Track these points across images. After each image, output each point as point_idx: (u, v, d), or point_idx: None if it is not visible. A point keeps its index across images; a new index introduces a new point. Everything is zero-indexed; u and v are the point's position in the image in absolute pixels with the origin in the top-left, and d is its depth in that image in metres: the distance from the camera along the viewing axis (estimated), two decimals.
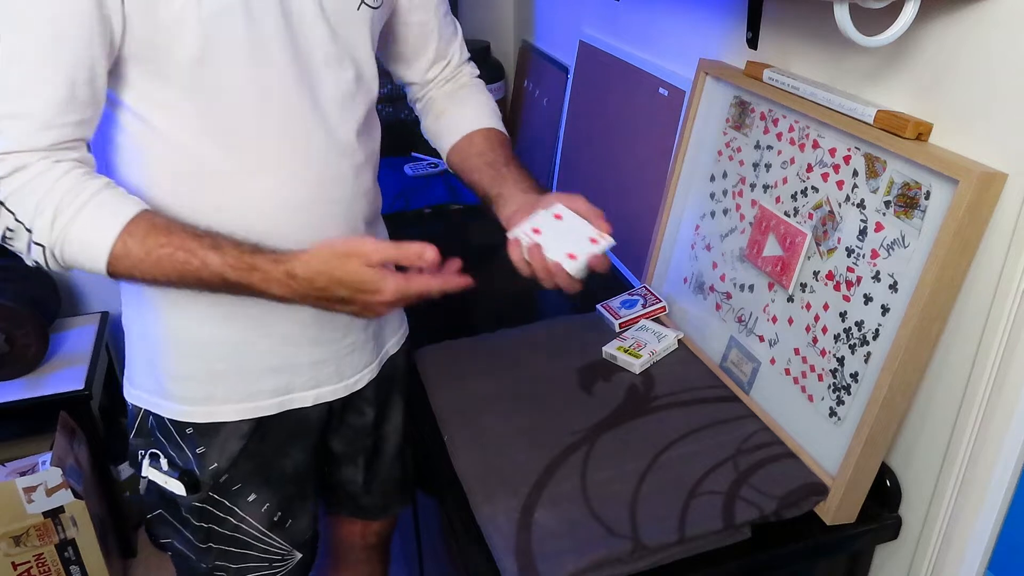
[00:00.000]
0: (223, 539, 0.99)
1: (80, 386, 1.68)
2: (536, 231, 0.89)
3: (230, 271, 0.77)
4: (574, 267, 0.86)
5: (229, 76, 0.78)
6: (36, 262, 0.76)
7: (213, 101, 0.79)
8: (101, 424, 1.76)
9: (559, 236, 0.89)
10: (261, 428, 0.95)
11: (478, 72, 1.14)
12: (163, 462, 0.94)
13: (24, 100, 0.71)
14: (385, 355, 1.07)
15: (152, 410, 0.93)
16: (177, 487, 0.94)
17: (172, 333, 0.90)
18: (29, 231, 0.74)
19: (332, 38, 0.85)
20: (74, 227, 0.74)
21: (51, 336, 1.74)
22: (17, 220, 0.73)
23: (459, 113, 1.08)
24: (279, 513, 1.00)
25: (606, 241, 0.90)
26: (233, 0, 0.75)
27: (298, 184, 0.86)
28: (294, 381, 0.95)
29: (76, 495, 1.62)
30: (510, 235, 0.90)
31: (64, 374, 1.71)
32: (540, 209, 0.91)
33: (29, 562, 1.67)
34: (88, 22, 0.71)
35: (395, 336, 1.09)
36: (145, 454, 0.96)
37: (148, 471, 0.96)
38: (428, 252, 0.78)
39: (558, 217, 0.91)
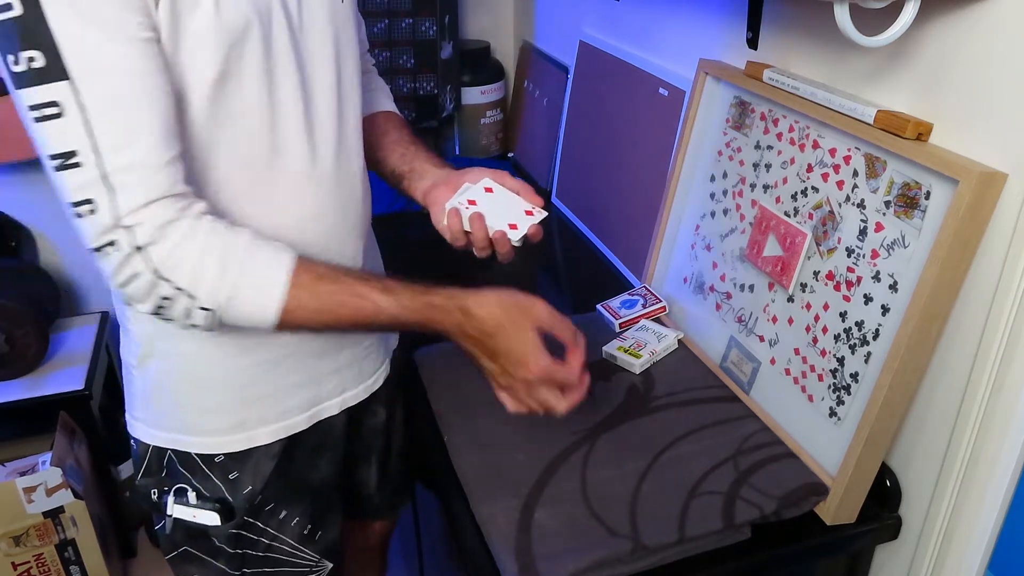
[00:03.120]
0: (256, 561, 0.97)
1: (80, 386, 1.68)
2: (472, 203, 0.90)
3: (406, 313, 0.77)
4: (516, 236, 0.89)
5: (248, 93, 0.76)
6: (194, 325, 0.74)
7: (233, 120, 0.77)
8: (101, 424, 1.76)
9: (496, 208, 0.91)
10: (291, 444, 0.94)
11: (373, 61, 1.14)
12: (191, 496, 0.91)
13: (132, 149, 0.67)
14: (390, 351, 1.08)
15: (179, 448, 0.90)
16: (211, 518, 0.91)
17: (201, 369, 0.87)
18: (192, 297, 0.71)
19: (328, 38, 0.84)
20: (241, 289, 0.72)
21: (51, 336, 1.74)
22: (177, 288, 0.70)
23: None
24: (309, 526, 0.99)
25: (540, 213, 0.92)
26: (251, 17, 0.73)
27: (319, 192, 0.85)
28: (321, 392, 0.95)
29: (76, 495, 1.62)
30: (447, 205, 0.90)
31: (64, 374, 1.71)
32: (468, 183, 0.92)
33: (29, 562, 1.67)
34: (153, 49, 0.68)
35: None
36: (166, 491, 0.92)
37: (174, 509, 0.92)
38: (580, 338, 0.81)
39: (488, 191, 0.93)
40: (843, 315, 0.90)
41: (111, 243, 0.68)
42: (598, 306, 1.25)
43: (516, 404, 0.82)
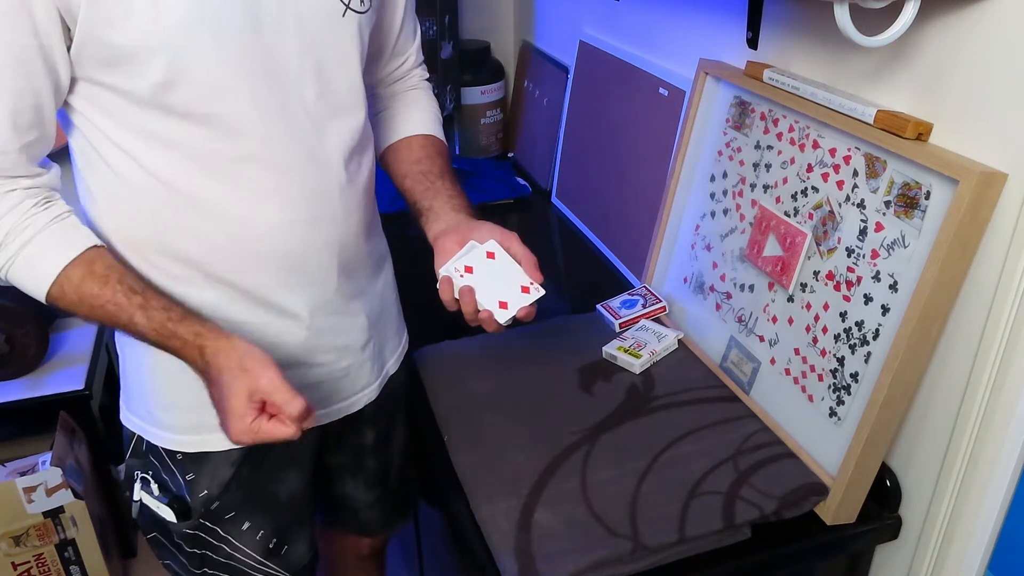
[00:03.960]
0: (218, 566, 0.97)
1: (80, 386, 1.68)
2: (468, 269, 0.87)
3: (154, 335, 0.78)
4: (504, 317, 0.86)
5: (200, 99, 0.76)
6: None
7: (188, 126, 0.77)
8: (101, 424, 1.76)
9: (491, 279, 0.87)
10: (252, 454, 0.93)
11: (428, 76, 1.11)
12: (154, 487, 0.94)
13: None
14: (386, 375, 1.04)
15: (146, 438, 0.93)
16: (168, 513, 0.93)
17: (161, 363, 0.87)
18: None
19: (312, 50, 0.81)
20: (15, 265, 0.76)
21: (51, 336, 1.74)
22: None
23: (401, 114, 1.05)
24: (274, 540, 0.98)
25: (537, 292, 0.88)
26: (197, 21, 0.73)
27: (282, 206, 0.83)
28: None
29: (76, 495, 1.62)
30: (441, 271, 0.88)
31: (64, 374, 1.71)
32: (473, 241, 0.89)
33: (29, 562, 1.67)
34: (27, 55, 0.70)
35: (395, 354, 1.07)
36: (138, 477, 0.96)
37: (140, 494, 0.95)
38: (302, 413, 0.77)
39: (491, 256, 0.89)
40: (843, 315, 0.90)
41: None
42: (598, 306, 1.25)
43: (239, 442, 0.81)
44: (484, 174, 1.82)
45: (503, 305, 0.86)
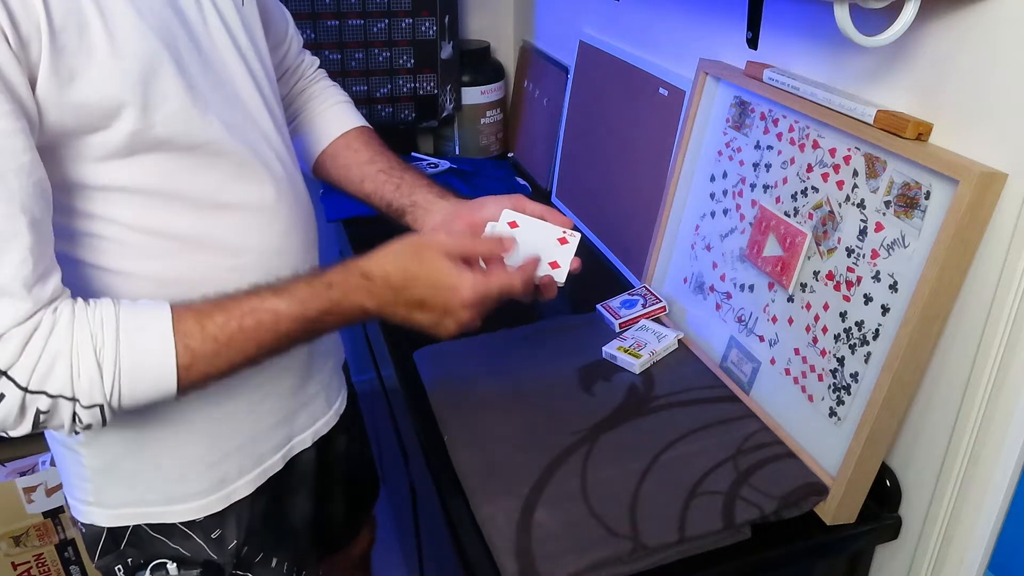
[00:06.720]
0: None
1: None
2: None
3: (307, 306, 0.68)
4: (561, 276, 0.83)
5: (173, 129, 0.68)
6: (88, 426, 0.63)
7: (164, 163, 0.69)
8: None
9: (528, 247, 0.82)
10: (269, 487, 0.92)
11: (318, 62, 1.06)
12: (172, 567, 0.85)
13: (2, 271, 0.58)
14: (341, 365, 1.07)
15: (153, 521, 0.83)
16: None
17: (176, 430, 0.80)
18: (74, 399, 0.61)
19: (236, 44, 0.76)
20: (124, 371, 0.62)
21: None
22: (51, 396, 0.60)
23: (321, 113, 1.01)
24: (295, 567, 0.97)
25: (574, 238, 0.84)
26: (159, 50, 0.65)
27: (266, 209, 0.79)
28: (294, 428, 0.94)
29: None
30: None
31: None
32: (490, 222, 0.85)
33: (29, 562, 1.67)
34: (22, 142, 0.58)
35: (342, 359, 1.08)
36: (142, 565, 0.85)
37: None
38: (507, 243, 0.73)
39: (514, 225, 0.84)
40: (843, 315, 0.90)
41: None
42: (598, 306, 1.25)
43: (473, 322, 0.75)
44: (484, 174, 1.82)
45: (554, 265, 0.83)
